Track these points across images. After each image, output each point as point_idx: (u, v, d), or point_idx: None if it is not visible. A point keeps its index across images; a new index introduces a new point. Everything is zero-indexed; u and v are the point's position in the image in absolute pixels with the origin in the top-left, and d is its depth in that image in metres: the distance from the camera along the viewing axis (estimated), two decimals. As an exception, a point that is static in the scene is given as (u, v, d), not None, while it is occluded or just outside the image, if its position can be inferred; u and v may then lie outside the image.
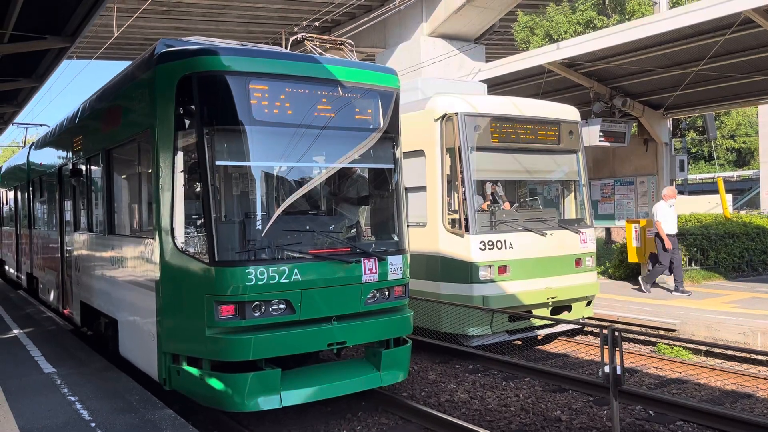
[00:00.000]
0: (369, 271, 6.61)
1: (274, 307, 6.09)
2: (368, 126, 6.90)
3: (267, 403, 6.11)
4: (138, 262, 7.03)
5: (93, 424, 5.56)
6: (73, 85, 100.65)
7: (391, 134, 7.08)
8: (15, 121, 18.27)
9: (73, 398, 6.32)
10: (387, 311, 6.91)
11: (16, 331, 9.84)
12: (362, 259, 6.58)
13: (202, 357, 6.16)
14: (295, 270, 6.15)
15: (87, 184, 9.12)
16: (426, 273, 9.63)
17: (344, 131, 6.75)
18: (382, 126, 6.96)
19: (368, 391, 7.50)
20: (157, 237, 6.40)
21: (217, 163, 6.12)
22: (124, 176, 8.12)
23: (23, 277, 14.75)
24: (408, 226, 10.00)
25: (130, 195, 7.87)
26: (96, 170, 8.70)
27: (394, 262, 6.84)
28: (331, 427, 6.76)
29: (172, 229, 6.23)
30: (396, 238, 7.17)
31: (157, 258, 6.41)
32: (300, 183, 6.77)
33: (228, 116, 6.12)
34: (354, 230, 7.24)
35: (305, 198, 6.86)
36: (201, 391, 6.21)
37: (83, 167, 9.19)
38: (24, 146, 18.26)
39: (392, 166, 7.18)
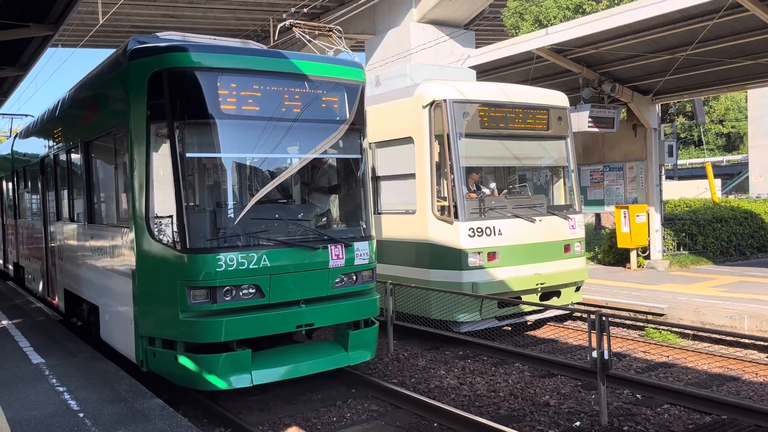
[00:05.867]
0: (336, 256, 6.89)
1: (244, 291, 6.38)
2: (335, 118, 7.16)
3: (238, 381, 6.39)
4: (116, 250, 7.28)
5: (81, 415, 5.55)
6: (59, 73, 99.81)
7: (358, 126, 7.34)
8: (0, 111, 18.08)
9: (61, 388, 6.30)
10: (354, 294, 7.21)
11: (4, 322, 9.79)
12: (329, 245, 6.87)
13: (176, 339, 6.43)
14: (264, 256, 6.43)
15: (68, 174, 9.25)
16: (415, 260, 9.65)
17: (311, 123, 7.01)
18: (348, 118, 7.23)
19: (358, 378, 7.55)
20: (132, 226, 6.66)
21: (188, 155, 6.43)
22: (101, 167, 8.26)
23: (10, 267, 14.71)
24: (395, 213, 10.05)
25: (108, 186, 8.02)
26: (76, 161, 8.86)
27: (361, 247, 7.14)
28: (321, 414, 6.77)
29: (147, 219, 6.49)
30: (363, 225, 7.46)
31: (133, 246, 6.69)
32: (268, 174, 7.00)
33: (197, 110, 6.39)
34: (322, 218, 7.50)
35: (274, 188, 7.03)
36: (176, 372, 6.48)
37: (64, 158, 9.33)
38: (10, 136, 18.11)
39: (359, 156, 7.47)
